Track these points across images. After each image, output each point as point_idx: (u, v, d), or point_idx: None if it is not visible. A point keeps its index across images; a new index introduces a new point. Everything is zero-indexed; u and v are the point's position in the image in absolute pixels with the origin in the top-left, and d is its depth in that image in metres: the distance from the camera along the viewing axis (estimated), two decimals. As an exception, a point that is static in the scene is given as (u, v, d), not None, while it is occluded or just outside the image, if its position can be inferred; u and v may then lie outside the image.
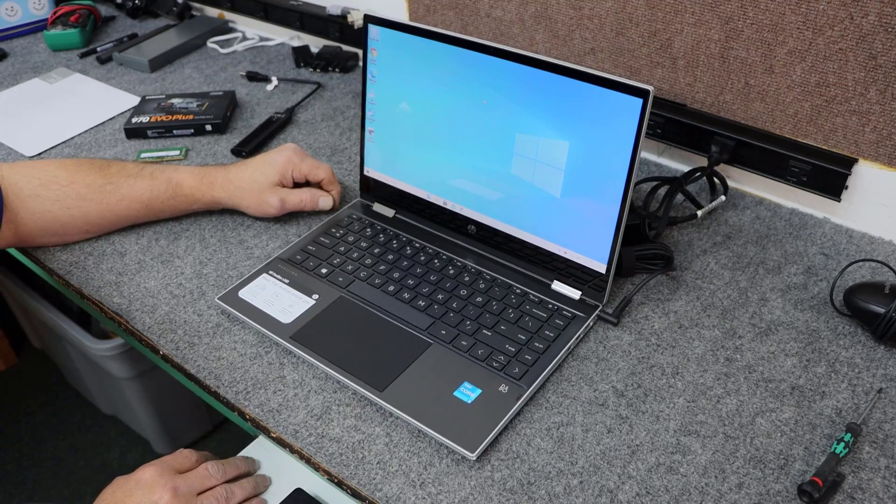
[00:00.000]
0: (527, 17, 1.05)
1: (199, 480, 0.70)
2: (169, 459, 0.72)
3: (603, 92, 0.72)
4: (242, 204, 0.92)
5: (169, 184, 0.91)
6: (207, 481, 0.70)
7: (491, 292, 0.81)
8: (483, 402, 0.70)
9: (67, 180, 0.88)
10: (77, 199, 0.88)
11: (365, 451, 0.68)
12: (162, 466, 0.69)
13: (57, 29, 1.45)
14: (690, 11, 0.90)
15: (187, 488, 0.68)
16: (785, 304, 0.81)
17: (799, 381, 0.73)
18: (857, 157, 0.87)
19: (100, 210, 0.90)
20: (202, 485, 0.70)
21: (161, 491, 0.66)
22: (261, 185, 0.91)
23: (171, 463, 0.71)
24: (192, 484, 0.69)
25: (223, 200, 0.93)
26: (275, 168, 0.92)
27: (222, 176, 0.92)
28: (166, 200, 0.92)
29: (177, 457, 0.73)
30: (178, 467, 0.71)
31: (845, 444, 0.65)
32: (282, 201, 0.91)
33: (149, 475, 0.68)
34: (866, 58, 0.80)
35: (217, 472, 0.71)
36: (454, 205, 0.87)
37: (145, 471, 0.69)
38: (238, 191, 0.92)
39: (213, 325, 0.81)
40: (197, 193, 0.92)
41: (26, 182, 0.87)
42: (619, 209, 0.74)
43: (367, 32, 0.86)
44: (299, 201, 0.93)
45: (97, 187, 0.89)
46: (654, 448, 0.67)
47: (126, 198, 0.90)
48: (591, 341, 0.78)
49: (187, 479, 0.69)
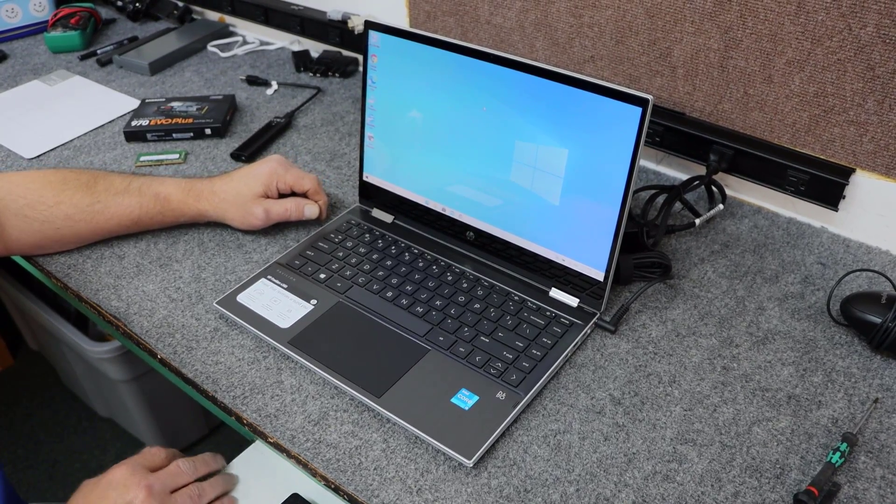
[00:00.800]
0: (527, 25, 1.05)
1: (172, 478, 0.70)
2: (138, 458, 0.72)
3: (602, 100, 0.72)
4: (227, 216, 0.91)
5: (157, 199, 0.90)
6: (179, 478, 0.71)
7: (489, 299, 0.81)
8: (480, 408, 0.70)
9: (53, 200, 0.87)
10: (65, 219, 0.88)
11: (362, 456, 0.68)
12: (133, 465, 0.69)
13: (57, 31, 1.45)
14: (690, 21, 0.90)
15: (161, 486, 0.68)
16: (782, 313, 0.81)
17: (795, 390, 0.73)
18: (854, 167, 0.87)
19: (90, 229, 0.90)
20: (174, 482, 0.70)
21: (136, 490, 0.66)
22: (245, 197, 0.90)
23: (142, 461, 0.71)
24: (165, 481, 0.69)
25: (208, 213, 0.92)
26: (259, 179, 0.90)
27: (207, 188, 0.91)
28: (155, 216, 0.91)
29: (146, 455, 0.73)
30: (148, 465, 0.71)
31: (841, 453, 0.65)
32: (266, 212, 0.90)
33: (120, 475, 0.68)
34: (864, 68, 0.81)
35: (188, 469, 0.72)
36: (453, 211, 0.87)
37: (116, 471, 0.69)
38: (223, 203, 0.91)
39: (212, 330, 0.81)
40: (183, 207, 0.91)
41: (11, 200, 0.86)
42: (618, 217, 0.74)
43: (368, 38, 0.87)
44: (284, 210, 0.91)
45: (84, 207, 0.88)
46: (651, 456, 0.67)
47: (115, 216, 0.90)
48: (588, 349, 0.78)
49: (160, 476, 0.69)
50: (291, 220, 0.93)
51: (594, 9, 0.97)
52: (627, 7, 0.94)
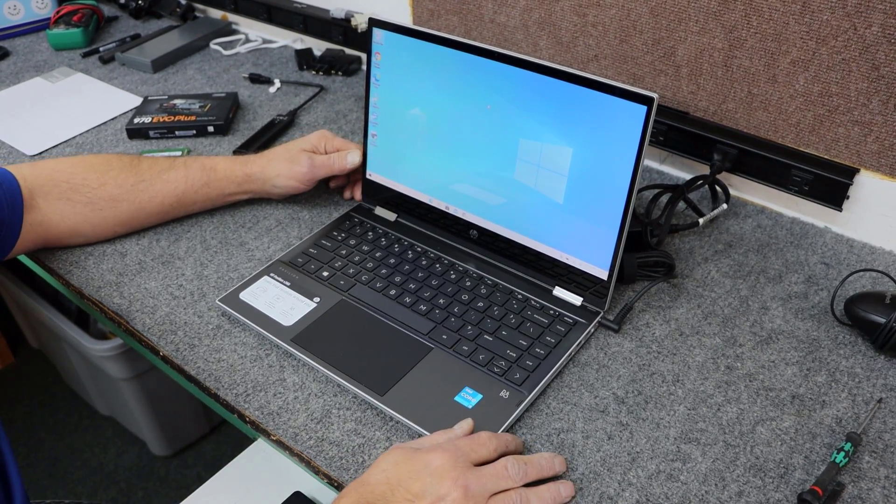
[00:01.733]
0: (530, 23, 1.05)
1: (495, 481, 0.61)
2: (465, 445, 0.63)
3: (608, 99, 0.72)
4: (274, 170, 0.93)
5: (203, 169, 0.93)
6: (503, 482, 0.62)
7: (492, 297, 0.81)
8: (484, 407, 0.70)
9: (98, 182, 0.88)
10: (109, 200, 0.88)
11: (365, 455, 0.67)
12: (456, 454, 0.62)
13: (60, 28, 1.45)
14: (694, 20, 0.90)
15: (480, 488, 0.60)
16: (786, 312, 0.81)
17: (799, 389, 0.73)
18: (858, 167, 0.87)
19: (132, 210, 0.90)
20: (497, 486, 0.61)
21: (451, 486, 0.59)
22: (292, 150, 0.94)
23: (468, 451, 0.63)
24: (486, 484, 0.61)
25: (255, 175, 0.94)
26: (308, 139, 0.96)
27: (255, 155, 0.96)
28: (200, 189, 0.92)
29: (474, 443, 0.64)
30: (474, 457, 0.63)
31: (845, 453, 0.65)
32: (311, 160, 0.93)
33: (441, 462, 0.61)
34: (869, 68, 0.81)
35: (517, 474, 0.63)
36: (456, 209, 0.87)
37: (438, 455, 0.61)
38: (270, 161, 0.94)
39: (214, 327, 0.81)
40: (230, 173, 0.93)
41: (53, 185, 0.87)
42: (622, 216, 0.74)
43: (372, 36, 0.86)
44: (328, 158, 0.94)
45: (129, 186, 0.89)
46: (655, 455, 0.67)
47: (160, 193, 0.91)
48: (592, 348, 0.78)
49: (482, 477, 0.61)
50: (334, 170, 0.95)
51: (598, 7, 0.97)
52: (632, 6, 0.94)
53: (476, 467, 0.62)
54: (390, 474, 0.60)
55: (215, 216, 0.97)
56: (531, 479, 0.63)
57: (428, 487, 0.59)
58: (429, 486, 0.59)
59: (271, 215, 0.97)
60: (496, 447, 0.64)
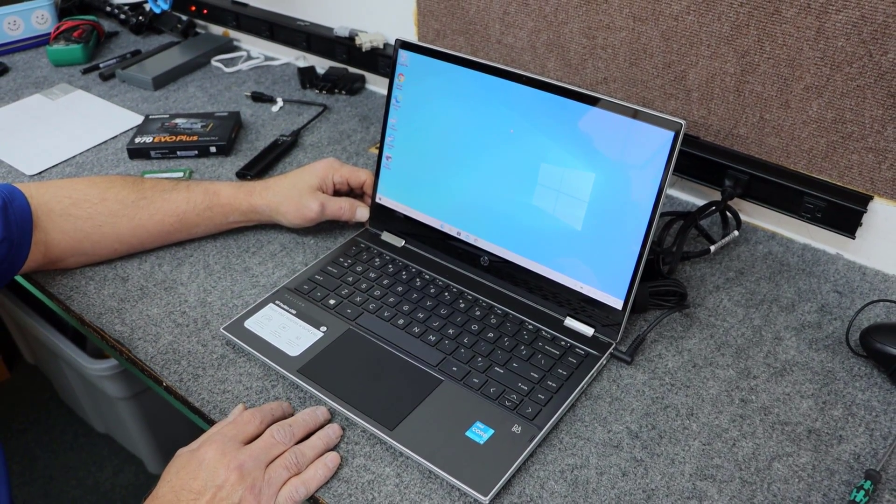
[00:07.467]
0: (538, 45, 1.04)
1: (266, 451, 0.65)
2: (229, 430, 0.67)
3: (635, 124, 0.71)
4: (281, 209, 0.91)
5: (206, 194, 0.91)
6: (274, 449, 0.66)
7: (503, 328, 0.80)
8: (496, 442, 0.68)
9: (98, 198, 0.87)
10: (109, 215, 0.87)
11: (375, 491, 0.66)
12: (224, 441, 0.65)
13: (59, 44, 1.43)
14: (706, 44, 0.89)
15: (254, 462, 0.64)
16: (799, 343, 0.80)
17: (815, 424, 0.71)
18: (872, 194, 0.86)
19: (132, 226, 0.88)
20: (269, 455, 0.65)
21: (225, 471, 0.62)
22: (300, 189, 0.91)
23: (234, 433, 0.66)
24: (259, 456, 0.64)
25: (260, 208, 0.92)
26: (314, 173, 0.92)
27: (260, 185, 0.93)
28: (202, 212, 0.91)
29: (238, 424, 0.67)
30: (242, 437, 0.66)
31: (865, 491, 0.64)
32: (321, 205, 0.91)
33: (211, 455, 0.64)
34: (885, 95, 0.80)
35: (284, 437, 0.67)
36: (468, 235, 0.86)
37: (207, 449, 0.64)
38: (276, 196, 0.91)
39: (218, 357, 0.79)
40: (234, 202, 0.91)
41: (57, 202, 0.86)
42: (642, 244, 0.73)
43: (397, 57, 0.86)
44: (338, 209, 0.92)
45: (129, 203, 0.88)
46: (670, 493, 0.66)
47: (160, 211, 0.89)
48: (604, 380, 0.76)
49: (252, 451, 0.65)
50: (342, 219, 0.94)
51: (608, 30, 0.96)
52: (642, 29, 0.93)
53: (246, 446, 0.65)
54: (174, 483, 0.63)
55: (218, 240, 0.95)
56: (301, 437, 0.68)
57: (206, 482, 0.62)
58: (206, 480, 0.62)
59: (275, 240, 0.95)
60: (262, 419, 0.68)
